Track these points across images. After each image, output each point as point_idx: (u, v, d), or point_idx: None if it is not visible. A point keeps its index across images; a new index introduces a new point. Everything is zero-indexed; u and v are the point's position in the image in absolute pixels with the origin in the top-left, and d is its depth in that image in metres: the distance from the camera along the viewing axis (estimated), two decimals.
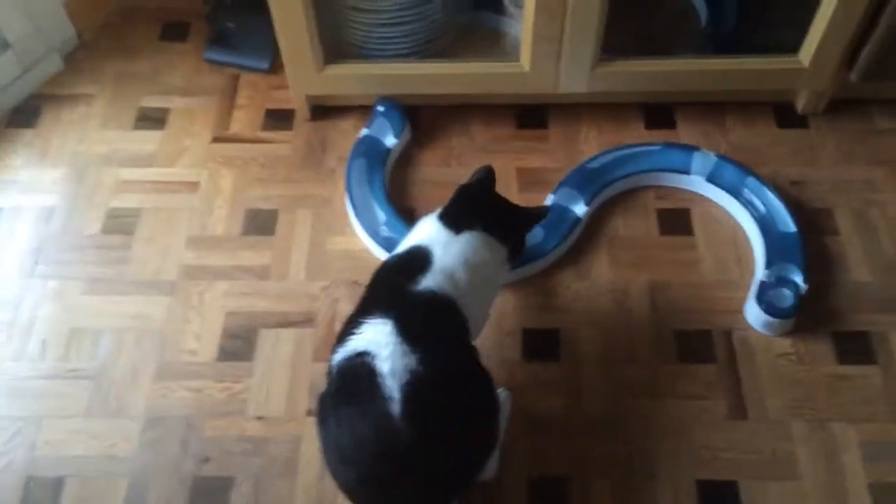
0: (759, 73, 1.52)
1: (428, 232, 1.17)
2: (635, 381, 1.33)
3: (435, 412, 1.02)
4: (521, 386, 1.32)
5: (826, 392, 1.31)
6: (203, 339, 1.39)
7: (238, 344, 1.38)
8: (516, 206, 1.27)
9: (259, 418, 1.31)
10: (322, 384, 1.10)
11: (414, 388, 1.00)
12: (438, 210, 1.21)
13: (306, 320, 1.41)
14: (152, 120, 1.67)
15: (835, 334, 1.37)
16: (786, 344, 1.36)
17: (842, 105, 1.63)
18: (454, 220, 1.17)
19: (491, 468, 1.20)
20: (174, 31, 1.83)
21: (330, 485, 1.13)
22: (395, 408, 0.99)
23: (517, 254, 1.26)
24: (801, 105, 1.62)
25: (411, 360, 1.01)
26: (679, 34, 1.70)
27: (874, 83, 1.56)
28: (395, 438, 0.99)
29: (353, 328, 1.06)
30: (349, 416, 1.02)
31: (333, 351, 1.08)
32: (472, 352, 1.13)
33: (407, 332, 1.03)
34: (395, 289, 1.11)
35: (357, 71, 1.54)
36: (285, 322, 1.41)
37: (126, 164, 1.60)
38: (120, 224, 1.52)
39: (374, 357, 1.02)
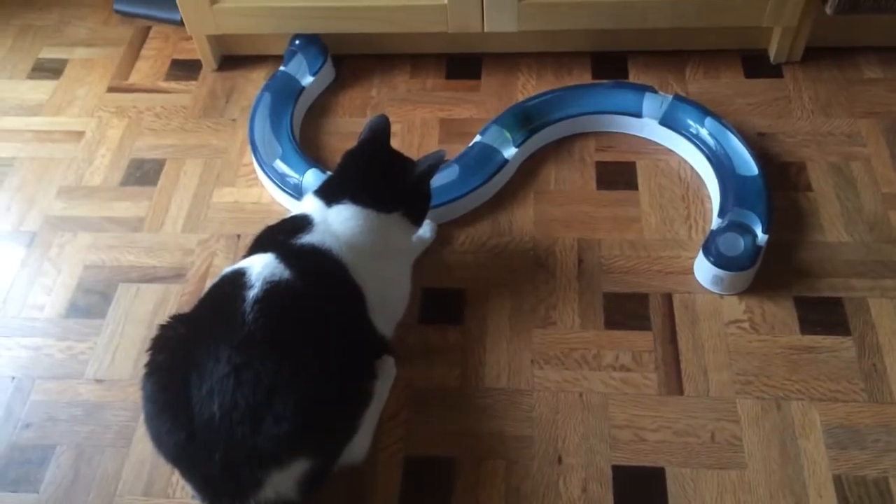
0: (719, 7, 1.30)
1: (307, 204, 1.07)
2: (548, 350, 1.09)
3: (291, 318, 0.92)
4: (413, 353, 1.10)
5: (785, 366, 1.06)
6: (54, 294, 1.20)
7: (92, 299, 1.19)
8: (401, 166, 1.08)
9: (98, 381, 1.11)
10: None
11: (277, 286, 0.93)
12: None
13: (175, 275, 1.21)
14: (48, 70, 1.52)
15: (799, 300, 1.12)
16: (738, 310, 1.12)
17: (823, 54, 1.40)
18: (326, 191, 1.07)
19: (360, 448, 0.98)
20: None
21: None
22: (250, 294, 0.91)
23: (416, 211, 1.10)
24: (773, 52, 1.39)
25: (283, 272, 0.94)
26: None
27: (856, 23, 1.34)
28: (243, 326, 0.89)
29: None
30: (204, 316, 0.95)
31: None
32: (363, 319, 1.00)
33: (287, 259, 0.97)
34: (276, 241, 1.02)
35: (257, 4, 1.35)
36: (151, 277, 1.21)
37: (10, 113, 1.45)
38: None
39: (248, 270, 0.95)
